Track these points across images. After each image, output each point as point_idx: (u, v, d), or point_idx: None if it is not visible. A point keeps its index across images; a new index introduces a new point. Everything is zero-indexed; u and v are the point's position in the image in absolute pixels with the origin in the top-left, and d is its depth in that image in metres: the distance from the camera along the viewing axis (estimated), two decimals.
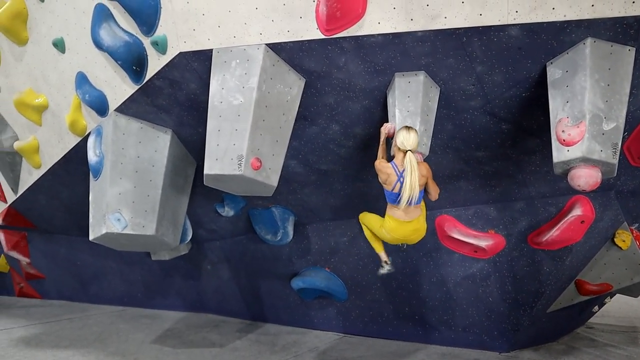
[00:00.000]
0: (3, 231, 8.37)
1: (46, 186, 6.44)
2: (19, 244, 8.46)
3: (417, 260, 5.50)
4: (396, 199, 3.91)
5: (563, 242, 4.79)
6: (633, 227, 5.15)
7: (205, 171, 4.00)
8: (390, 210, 4.07)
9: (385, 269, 4.69)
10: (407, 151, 3.77)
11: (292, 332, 6.37)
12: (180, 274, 7.41)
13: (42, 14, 5.10)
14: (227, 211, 5.94)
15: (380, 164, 3.94)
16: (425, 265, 5.48)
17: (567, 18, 3.27)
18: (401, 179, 3.84)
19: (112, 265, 7.88)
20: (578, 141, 3.34)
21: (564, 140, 3.40)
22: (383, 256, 4.68)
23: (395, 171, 3.85)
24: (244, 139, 3.86)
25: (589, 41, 3.36)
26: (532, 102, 3.89)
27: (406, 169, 3.77)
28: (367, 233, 4.67)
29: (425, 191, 4.04)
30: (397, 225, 4.07)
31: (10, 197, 7.01)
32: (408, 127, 3.78)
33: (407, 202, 3.84)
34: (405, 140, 3.76)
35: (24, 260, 8.59)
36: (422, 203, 4.11)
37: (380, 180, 3.97)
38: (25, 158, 6.25)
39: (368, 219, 4.57)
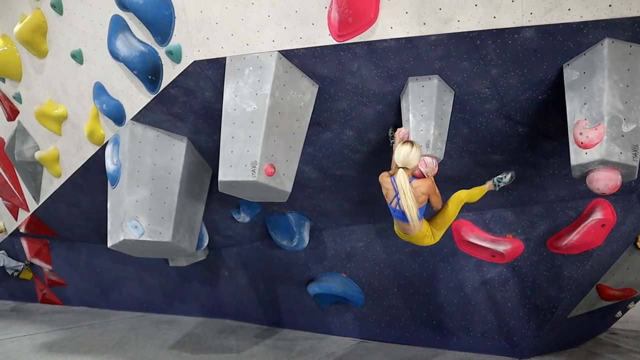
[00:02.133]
0: (26, 239, 8.54)
1: (66, 195, 6.55)
2: (41, 251, 8.62)
3: (434, 265, 5.45)
4: (394, 213, 3.87)
5: (583, 246, 4.69)
6: None
7: (220, 178, 4.03)
8: (395, 220, 4.00)
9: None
10: (400, 168, 3.60)
11: (309, 338, 6.36)
12: (198, 279, 7.46)
13: (61, 27, 5.20)
14: (243, 217, 5.96)
15: (382, 178, 3.82)
16: (443, 270, 5.42)
17: (584, 19, 3.21)
18: (398, 196, 3.68)
19: (131, 272, 7.97)
20: (596, 143, 3.27)
21: (581, 143, 3.33)
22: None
23: (393, 187, 3.71)
24: (257, 146, 3.88)
25: (606, 42, 3.29)
26: (549, 105, 3.83)
27: (398, 191, 3.63)
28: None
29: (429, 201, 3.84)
30: (400, 234, 4.04)
31: (33, 206, 7.15)
32: (405, 142, 3.61)
33: (407, 221, 3.72)
34: (399, 155, 3.59)
35: (46, 267, 8.75)
36: (423, 219, 3.92)
37: (381, 181, 3.87)
38: (46, 167, 6.38)
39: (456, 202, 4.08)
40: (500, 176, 4.38)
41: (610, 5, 3.14)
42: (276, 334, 6.64)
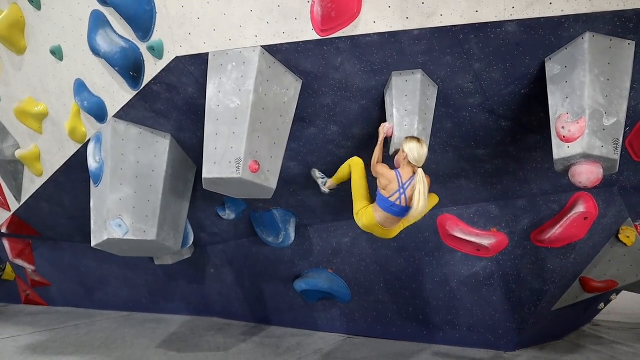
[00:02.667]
0: (8, 239, 8.39)
1: (48, 194, 6.45)
2: (23, 251, 8.48)
3: (419, 260, 5.47)
4: (389, 207, 3.89)
5: (566, 239, 4.74)
6: (637, 223, 5.09)
7: (204, 175, 3.99)
8: (375, 209, 4.01)
9: (322, 190, 4.71)
10: (417, 167, 3.81)
11: (296, 334, 6.35)
12: (184, 278, 7.41)
13: (39, 22, 5.11)
14: (229, 214, 5.93)
15: (383, 169, 3.87)
16: (428, 264, 5.45)
17: (565, 13, 3.23)
18: (402, 191, 3.82)
19: (116, 271, 7.89)
20: (578, 137, 3.30)
21: (564, 137, 3.36)
22: (331, 184, 4.63)
23: (399, 181, 3.82)
24: (241, 142, 3.85)
25: (587, 36, 3.32)
26: (532, 99, 3.86)
27: (418, 189, 3.74)
28: (345, 172, 4.41)
29: None
30: (372, 225, 4.06)
31: (14, 206, 7.03)
32: (420, 140, 3.74)
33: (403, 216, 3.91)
34: (420, 156, 3.74)
35: (29, 267, 8.61)
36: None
37: (378, 184, 3.93)
38: (27, 166, 6.27)
39: (357, 169, 4.28)
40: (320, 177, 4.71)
41: (591, 0, 3.17)
42: (263, 331, 6.62)
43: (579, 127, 3.30)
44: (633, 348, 5.59)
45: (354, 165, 4.28)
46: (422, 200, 3.74)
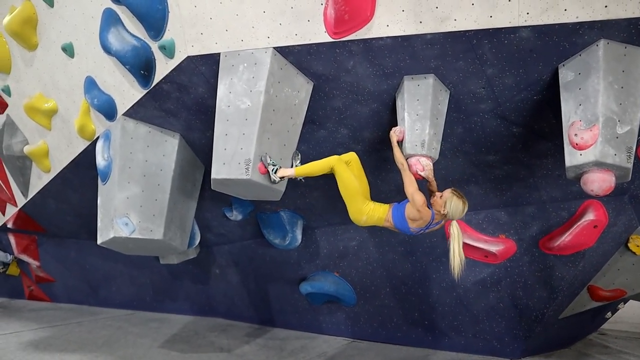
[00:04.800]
0: (14, 234, 8.42)
1: (55, 190, 6.47)
2: (29, 247, 8.51)
3: (426, 265, 5.44)
4: (403, 227, 3.88)
5: (575, 247, 4.71)
6: None
7: (213, 175, 3.98)
8: (389, 217, 3.92)
9: (271, 178, 3.99)
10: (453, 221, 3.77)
11: (300, 337, 6.33)
12: (189, 277, 7.40)
13: (52, 19, 5.13)
14: (236, 215, 5.92)
15: (424, 207, 3.74)
16: (435, 270, 5.42)
17: (580, 19, 3.21)
18: (425, 228, 3.86)
19: (121, 269, 7.90)
20: (591, 145, 3.27)
21: (576, 144, 3.33)
22: (287, 174, 4.05)
23: (429, 222, 3.82)
24: (251, 143, 3.84)
25: (602, 43, 3.30)
26: (544, 105, 3.83)
27: (452, 239, 3.74)
28: (322, 166, 4.05)
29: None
30: (377, 223, 4.00)
31: (21, 201, 7.05)
32: (464, 200, 3.71)
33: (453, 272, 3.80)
34: (455, 212, 3.70)
35: (34, 263, 8.64)
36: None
37: (410, 214, 3.79)
38: (35, 162, 6.29)
39: (347, 175, 3.99)
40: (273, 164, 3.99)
41: (606, 7, 3.15)
42: (267, 333, 6.61)
43: (592, 134, 3.28)
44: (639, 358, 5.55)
45: (338, 165, 3.97)
46: (457, 258, 3.74)
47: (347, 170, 3.98)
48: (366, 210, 3.98)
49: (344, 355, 5.56)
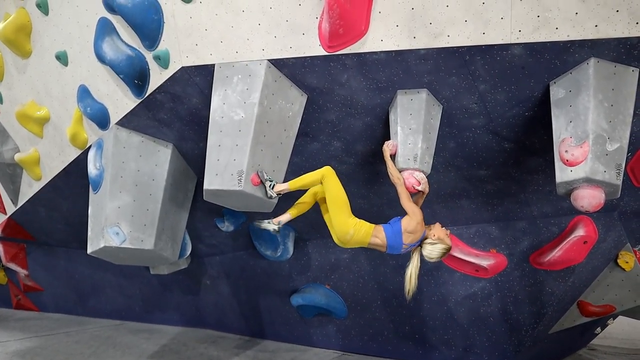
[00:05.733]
0: (2, 243, 8.34)
1: (46, 198, 6.42)
2: (17, 255, 8.42)
3: (418, 278, 5.43)
4: (395, 245, 3.91)
5: (565, 262, 4.73)
6: (636, 249, 5.10)
7: (205, 186, 3.97)
8: (377, 232, 3.90)
9: (271, 228, 4.12)
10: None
11: (291, 350, 6.29)
12: (179, 288, 7.35)
13: (46, 27, 5.13)
14: (227, 226, 5.90)
15: (422, 223, 3.85)
16: (426, 283, 5.41)
17: (571, 38, 3.26)
18: (416, 243, 3.93)
19: (111, 279, 7.83)
20: (581, 161, 3.30)
21: (567, 160, 3.37)
22: (285, 218, 4.17)
23: (421, 237, 3.91)
24: (244, 155, 3.85)
25: (592, 61, 3.35)
26: (535, 122, 3.87)
27: (412, 261, 3.92)
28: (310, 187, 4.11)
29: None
30: (362, 243, 3.98)
31: (10, 209, 6.99)
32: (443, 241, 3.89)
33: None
34: (439, 250, 3.89)
35: (22, 272, 8.55)
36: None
37: (409, 227, 3.81)
38: (26, 170, 6.25)
39: (334, 179, 3.94)
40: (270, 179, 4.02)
41: (596, 26, 3.20)
42: (257, 345, 6.56)
43: (583, 151, 3.31)
44: None
45: (330, 175, 3.94)
46: (412, 282, 3.93)
47: (338, 181, 3.94)
48: (352, 224, 3.90)
49: None
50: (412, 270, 3.91)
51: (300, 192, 4.20)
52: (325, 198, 4.02)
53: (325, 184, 3.93)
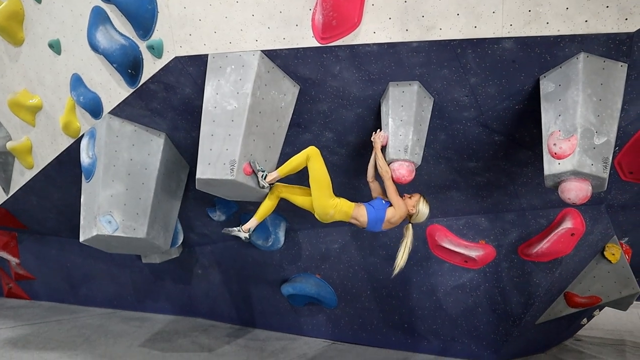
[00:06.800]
0: None
1: (38, 187, 6.41)
2: (8, 244, 8.40)
3: (407, 269, 5.44)
4: (375, 224, 4.07)
5: (553, 254, 4.81)
6: (622, 241, 5.20)
7: (198, 175, 4.00)
8: (359, 209, 4.07)
9: (242, 236, 4.22)
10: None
11: (281, 338, 6.36)
12: (171, 277, 7.38)
13: (39, 15, 5.10)
14: (219, 216, 5.93)
15: (406, 209, 4.11)
16: (416, 274, 5.49)
17: (561, 33, 3.30)
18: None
19: (103, 268, 7.84)
20: (569, 154, 3.36)
21: (555, 154, 3.42)
22: (254, 224, 4.27)
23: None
24: (237, 144, 3.87)
25: (582, 56, 3.39)
26: (525, 115, 3.92)
27: (406, 237, 4.12)
28: (282, 193, 4.24)
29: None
30: (343, 218, 4.11)
31: (2, 197, 6.96)
32: (428, 202, 4.15)
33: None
34: (422, 215, 4.15)
35: (13, 260, 8.53)
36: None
37: (392, 218, 4.07)
38: (18, 158, 6.23)
39: (319, 158, 4.00)
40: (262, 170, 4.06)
41: (586, 21, 3.24)
42: (248, 333, 6.62)
43: (571, 144, 3.37)
44: None
45: (315, 155, 4.00)
46: (404, 257, 4.12)
47: (322, 162, 4.04)
48: (334, 204, 4.05)
49: (324, 356, 5.59)
50: (405, 247, 4.11)
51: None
52: (289, 194, 4.25)
53: (310, 164, 4.02)
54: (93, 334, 6.37)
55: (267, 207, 4.26)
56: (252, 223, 4.28)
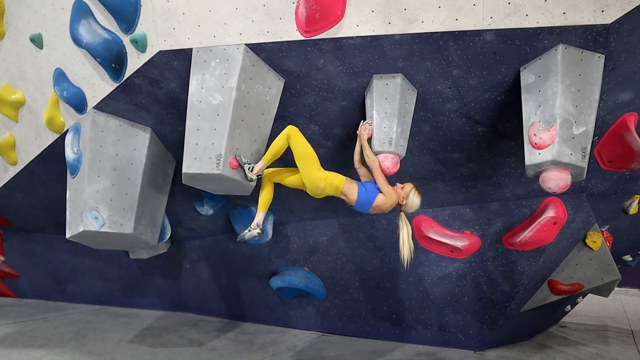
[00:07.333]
0: None
1: (22, 183, 6.35)
2: None
3: (394, 260, 5.57)
4: (365, 205, 4.06)
5: (536, 243, 4.90)
6: (603, 229, 5.31)
7: (184, 170, 4.01)
8: (349, 185, 4.05)
9: (255, 233, 4.23)
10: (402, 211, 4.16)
11: (270, 331, 6.39)
12: (159, 272, 7.37)
13: (20, 9, 5.04)
14: (207, 210, 5.94)
15: (393, 206, 4.12)
16: (402, 264, 5.53)
17: (540, 25, 3.35)
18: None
19: (90, 264, 7.80)
20: (549, 144, 3.43)
21: (535, 144, 3.49)
22: (261, 217, 4.29)
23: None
24: (222, 138, 3.88)
25: (560, 47, 3.45)
26: (507, 106, 3.98)
27: (401, 228, 4.12)
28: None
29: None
30: (333, 192, 4.09)
31: None
32: (419, 192, 4.14)
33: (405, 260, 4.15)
34: (413, 205, 4.13)
35: None
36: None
37: (382, 205, 4.04)
38: (1, 155, 6.16)
39: (299, 135, 4.01)
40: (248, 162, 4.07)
41: (564, 13, 3.30)
42: (238, 327, 6.65)
43: (550, 135, 3.43)
44: (596, 349, 5.79)
45: (294, 133, 3.99)
46: (406, 246, 4.10)
47: (304, 138, 4.04)
48: (323, 177, 4.02)
49: (314, 348, 5.64)
50: (405, 237, 4.11)
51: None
52: (279, 177, 4.24)
53: (292, 143, 4.01)
54: (81, 331, 6.35)
55: (265, 196, 4.28)
56: (259, 217, 4.28)
